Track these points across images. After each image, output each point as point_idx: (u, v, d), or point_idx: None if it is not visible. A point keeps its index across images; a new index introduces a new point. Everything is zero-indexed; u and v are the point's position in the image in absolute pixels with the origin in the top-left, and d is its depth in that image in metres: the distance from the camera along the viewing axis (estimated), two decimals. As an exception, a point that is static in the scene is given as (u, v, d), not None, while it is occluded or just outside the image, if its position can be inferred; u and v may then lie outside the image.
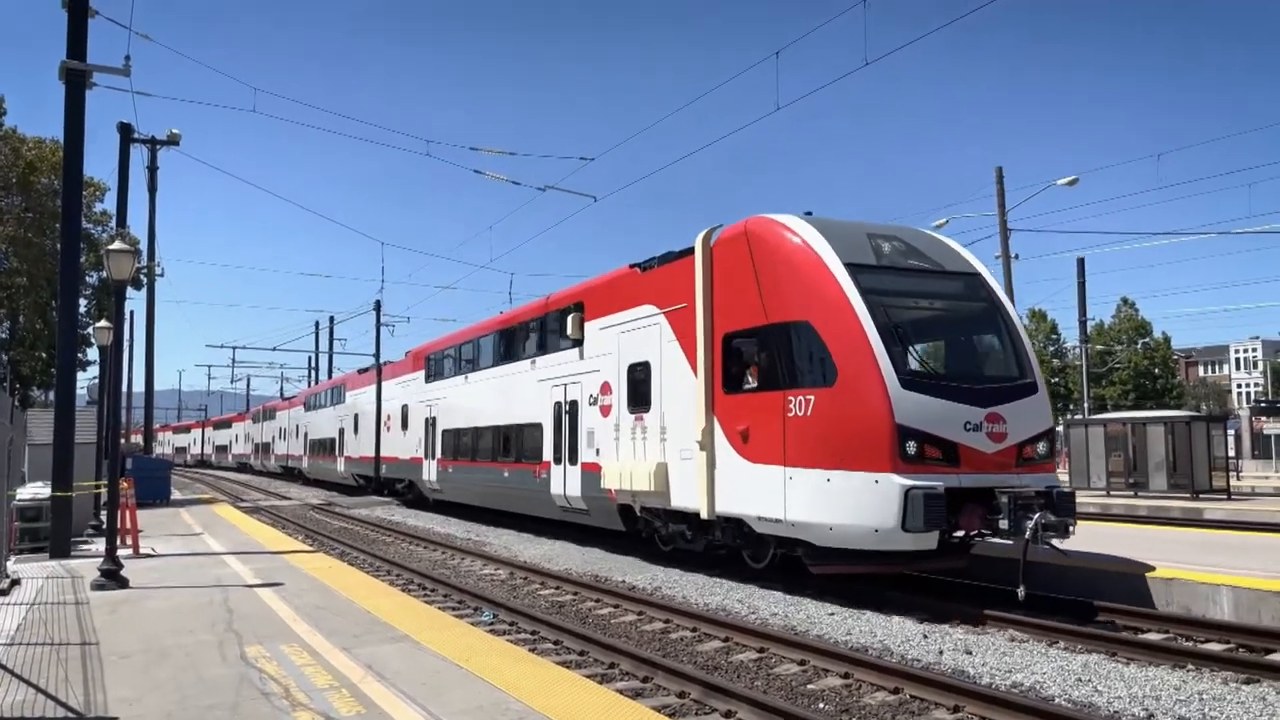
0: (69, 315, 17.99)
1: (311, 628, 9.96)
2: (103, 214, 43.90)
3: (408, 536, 23.64)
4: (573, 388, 19.70)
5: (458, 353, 28.49)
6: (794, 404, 12.87)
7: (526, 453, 22.10)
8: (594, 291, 19.46)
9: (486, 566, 18.02)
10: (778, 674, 9.57)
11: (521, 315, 24.01)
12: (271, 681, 7.68)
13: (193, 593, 12.42)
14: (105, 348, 22.95)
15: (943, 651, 10.07)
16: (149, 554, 16.75)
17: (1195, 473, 31.07)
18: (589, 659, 10.23)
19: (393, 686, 7.50)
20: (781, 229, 13.76)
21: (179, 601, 11.75)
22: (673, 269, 16.15)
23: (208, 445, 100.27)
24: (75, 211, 18.03)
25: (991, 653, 9.97)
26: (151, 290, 35.86)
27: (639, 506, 17.07)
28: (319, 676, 7.85)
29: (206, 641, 9.30)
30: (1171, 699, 8.15)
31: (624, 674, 9.55)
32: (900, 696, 8.64)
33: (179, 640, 9.37)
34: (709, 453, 14.52)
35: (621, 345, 17.57)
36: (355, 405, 41.59)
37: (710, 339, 14.72)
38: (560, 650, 10.71)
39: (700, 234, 15.19)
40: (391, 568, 17.73)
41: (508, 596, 14.40)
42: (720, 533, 15.04)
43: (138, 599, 12.05)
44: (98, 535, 19.77)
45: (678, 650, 10.74)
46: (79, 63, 16.97)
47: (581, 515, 19.83)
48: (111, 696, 7.31)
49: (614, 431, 17.68)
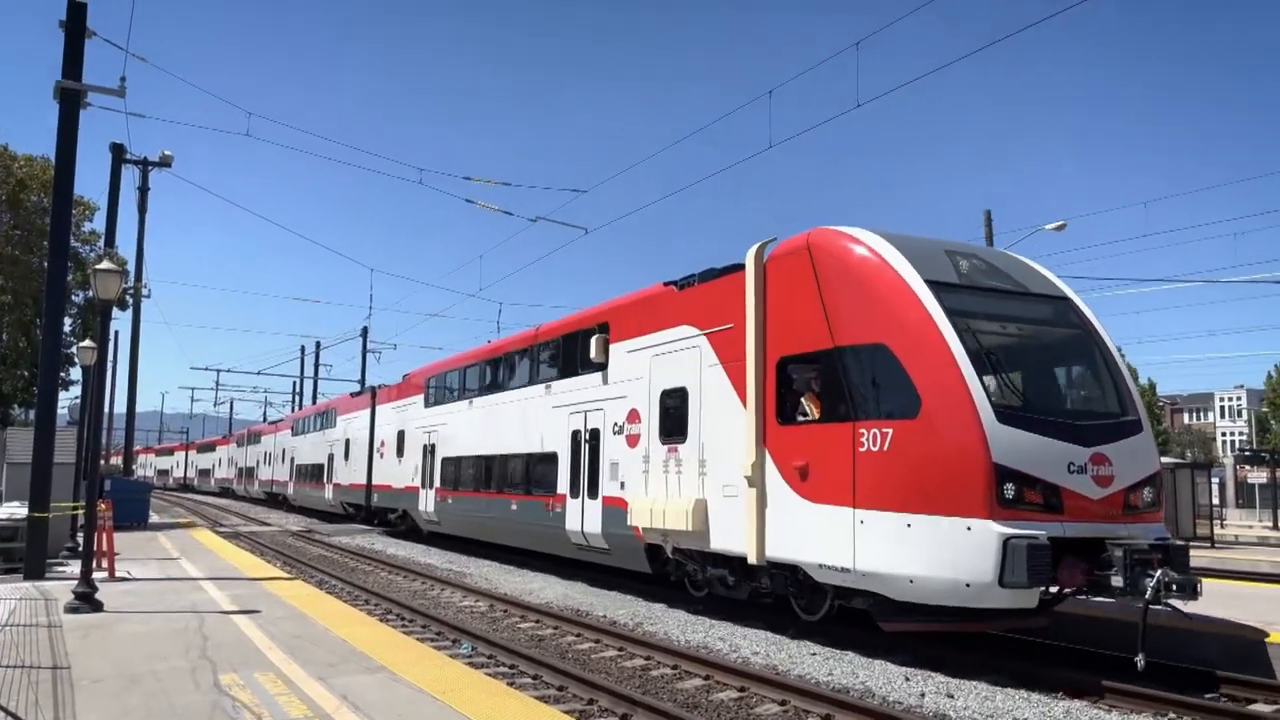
0: (53, 334, 17.88)
1: (287, 656, 9.82)
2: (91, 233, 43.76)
3: (388, 566, 23.42)
4: (594, 415, 18.35)
5: (462, 376, 26.96)
6: (866, 438, 11.47)
7: (538, 484, 20.66)
8: (621, 311, 18.01)
9: (466, 598, 17.85)
10: (758, 714, 9.48)
11: (536, 337, 22.26)
12: (245, 710, 7.56)
13: (168, 618, 12.25)
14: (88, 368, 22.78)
15: (924, 694, 10.00)
16: (125, 577, 16.54)
17: (1180, 520, 31.10)
18: (568, 694, 10.12)
19: (368, 718, 7.39)
20: (851, 241, 12.48)
21: (153, 626, 11.58)
22: (716, 287, 14.88)
23: (191, 469, 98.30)
24: (64, 230, 17.98)
25: (974, 696, 9.90)
26: (137, 311, 35.77)
27: (670, 547, 15.66)
28: (293, 706, 7.73)
29: (180, 668, 9.16)
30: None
31: (603, 710, 9.45)
32: (881, 739, 8.55)
33: (152, 666, 9.23)
34: (759, 490, 13.14)
35: (653, 369, 16.27)
36: (346, 430, 39.89)
37: (762, 364, 13.40)
38: (539, 685, 10.60)
39: (752, 249, 13.85)
40: (370, 597, 17.55)
41: (487, 629, 14.25)
42: (769, 580, 13.64)
43: (112, 623, 11.87)
44: (74, 557, 19.51)
45: (658, 688, 10.63)
46: (74, 82, 16.99)
47: (600, 554, 18.35)
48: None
49: (642, 463, 16.32)
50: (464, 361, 27.16)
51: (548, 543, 20.62)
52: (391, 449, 32.78)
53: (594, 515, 18.00)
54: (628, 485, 16.74)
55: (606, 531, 17.52)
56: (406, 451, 30.89)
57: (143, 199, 33.79)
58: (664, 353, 16.02)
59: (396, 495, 32.03)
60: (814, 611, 13.23)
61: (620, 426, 17.23)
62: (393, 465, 32.49)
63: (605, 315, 18.59)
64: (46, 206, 33.66)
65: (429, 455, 28.43)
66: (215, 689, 8.30)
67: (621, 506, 16.82)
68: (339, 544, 29.95)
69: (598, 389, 18.30)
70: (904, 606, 11.43)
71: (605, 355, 18.04)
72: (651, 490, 15.93)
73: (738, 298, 14.05)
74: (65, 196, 17.43)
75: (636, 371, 16.83)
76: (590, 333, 18.67)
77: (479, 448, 24.53)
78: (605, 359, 18.02)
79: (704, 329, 14.93)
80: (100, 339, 16.84)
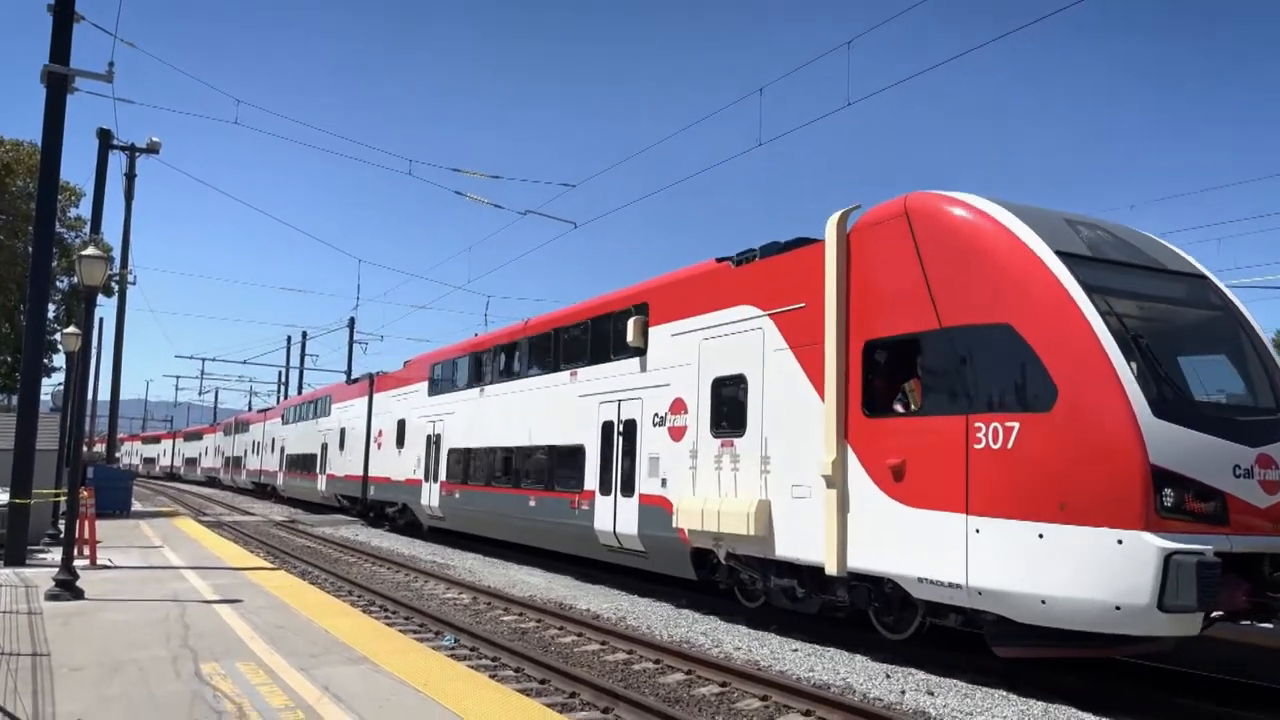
0: (37, 319, 17.78)
1: (269, 646, 9.81)
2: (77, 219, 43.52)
3: (371, 557, 23.38)
4: (630, 404, 16.84)
5: (473, 362, 25.04)
6: (984, 433, 9.97)
7: (562, 480, 19.10)
8: (664, 291, 16.46)
9: (450, 590, 17.84)
10: (739, 709, 9.52)
11: (559, 320, 20.57)
12: (225, 700, 7.56)
13: (149, 606, 12.22)
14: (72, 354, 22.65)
15: (905, 691, 10.05)
16: (106, 565, 16.48)
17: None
18: (550, 687, 10.13)
19: (349, 709, 7.40)
20: (959, 206, 11.02)
21: (134, 615, 11.54)
22: (785, 263, 13.45)
23: (178, 457, 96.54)
24: (50, 215, 17.86)
25: (954, 694, 9.96)
26: (122, 298, 35.58)
27: (724, 553, 14.04)
28: (274, 696, 7.72)
29: (161, 657, 9.13)
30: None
31: (584, 704, 9.47)
32: (861, 736, 8.60)
33: (133, 654, 9.20)
34: (839, 491, 11.65)
35: (704, 354, 14.79)
36: (341, 419, 38.03)
37: (843, 347, 11.90)
38: (521, 678, 10.61)
39: (832, 218, 12.32)
40: (353, 588, 17.52)
41: (470, 621, 14.25)
42: (847, 593, 12.18)
43: (92, 611, 11.83)
44: (55, 544, 19.41)
45: (640, 682, 10.66)
46: (62, 66, 16.88)
47: (634, 558, 16.79)
48: (61, 710, 7.16)
49: (689, 459, 14.87)
50: (475, 347, 25.38)
51: (571, 543, 19.10)
52: (391, 439, 31.24)
53: (629, 515, 16.53)
54: (671, 483, 15.30)
55: (644, 533, 15.99)
56: (408, 442, 29.30)
57: (129, 185, 33.63)
58: (717, 336, 14.55)
59: (396, 488, 30.44)
60: (902, 629, 11.71)
61: (662, 417, 15.80)
62: (392, 456, 30.93)
63: (644, 295, 17.00)
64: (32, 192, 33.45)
65: (433, 447, 26.90)
66: (196, 678, 8.29)
67: (663, 506, 15.39)
68: (323, 535, 29.88)
69: (634, 376, 16.85)
70: (1025, 629, 9.94)
71: (644, 339, 16.55)
72: (700, 489, 14.50)
73: (813, 274, 12.52)
74: (51, 182, 17.33)
75: (682, 357, 15.40)
76: (625, 315, 17.16)
77: (492, 439, 22.96)
78: (644, 343, 16.55)
79: (768, 309, 13.44)
80: (85, 325, 16.75)
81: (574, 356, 19.38)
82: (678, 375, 15.48)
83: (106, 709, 7.22)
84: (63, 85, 16.99)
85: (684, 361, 15.34)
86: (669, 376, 15.74)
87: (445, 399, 26.47)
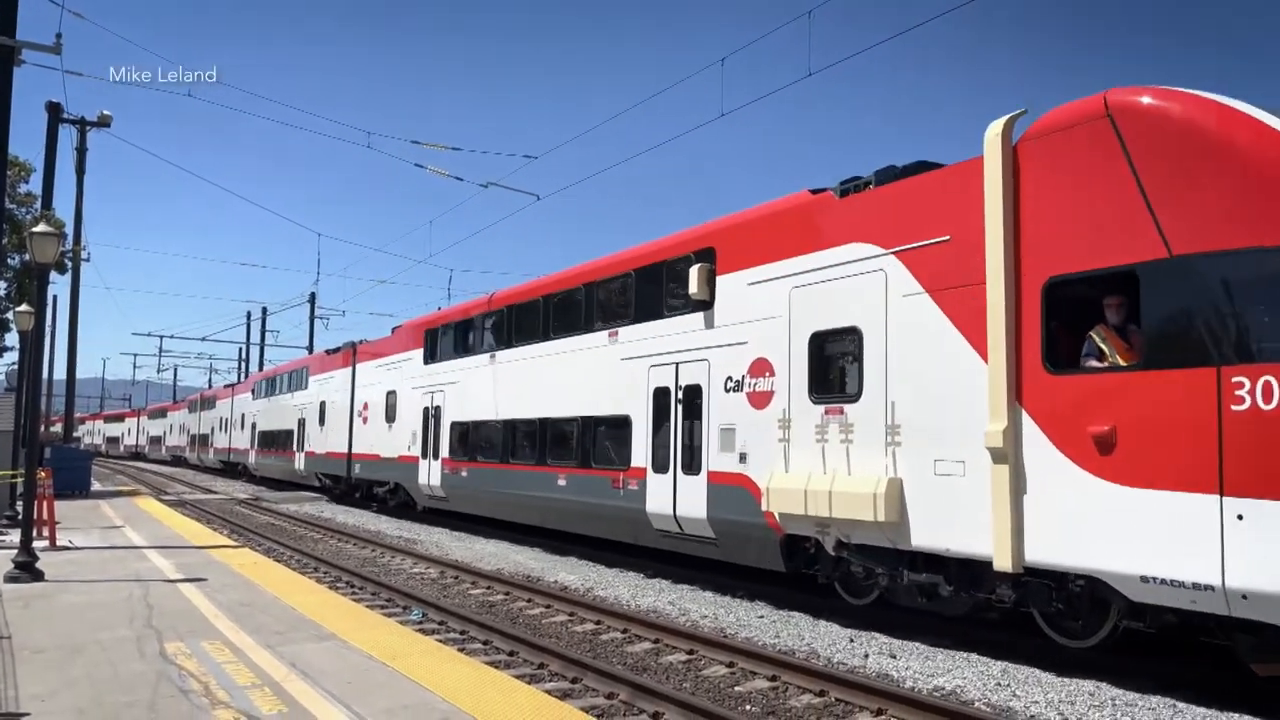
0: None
1: (235, 625, 9.78)
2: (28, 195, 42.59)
3: (337, 533, 23.30)
4: (692, 368, 14.60)
5: (481, 326, 22.66)
6: (1247, 390, 7.89)
7: (601, 456, 17.05)
8: (737, 233, 14.14)
9: (417, 565, 17.85)
10: (706, 676, 9.64)
11: (593, 273, 18.15)
12: (191, 679, 7.53)
13: (111, 587, 12.11)
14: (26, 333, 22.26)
15: (868, 655, 10.23)
16: (66, 546, 16.29)
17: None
18: (518, 659, 10.20)
19: (317, 685, 7.40)
20: (1190, 102, 8.77)
21: (97, 596, 11.44)
22: (917, 187, 11.18)
23: (142, 436, 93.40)
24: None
25: (915, 656, 10.16)
26: (76, 275, 34.94)
27: (832, 542, 11.91)
28: (241, 674, 7.71)
29: (124, 637, 9.07)
30: (1086, 704, 8.39)
31: (553, 675, 9.55)
32: (826, 699, 8.76)
33: (96, 635, 9.13)
34: (1012, 467, 9.46)
35: (796, 306, 12.54)
36: (321, 392, 35.52)
37: (1013, 288, 9.66)
38: (490, 650, 10.67)
39: (994, 126, 10.00)
40: (319, 565, 17.47)
41: (438, 595, 14.28)
42: (1014, 591, 9.95)
43: (53, 593, 11.70)
44: (12, 526, 19.13)
45: (608, 651, 10.75)
46: (8, 38, 16.47)
47: (700, 545, 14.62)
48: (24, 693, 7.11)
49: (778, 430, 12.67)
50: (482, 309, 22.81)
51: (613, 528, 16.97)
52: (379, 413, 28.71)
53: (693, 496, 14.34)
54: (752, 458, 13.12)
55: (714, 517, 13.85)
56: (400, 415, 26.92)
57: (80, 160, 32.91)
58: (815, 283, 12.28)
59: (387, 466, 27.97)
60: (1088, 635, 9.66)
61: (737, 382, 13.57)
62: (380, 432, 28.45)
63: (709, 239, 14.73)
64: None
65: (432, 420, 24.58)
66: (161, 658, 8.24)
67: (742, 486, 13.26)
68: (287, 512, 29.72)
69: (697, 334, 14.56)
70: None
71: (710, 291, 14.26)
72: (796, 465, 12.30)
73: (963, 199, 10.35)
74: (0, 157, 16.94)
75: (764, 309, 13.14)
76: (683, 263, 14.93)
77: (507, 411, 20.60)
78: (709, 295, 14.26)
79: (892, 246, 11.16)
80: (38, 304, 16.43)
81: (614, 314, 17.17)
82: (758, 331, 13.25)
83: (70, 690, 7.17)
84: (9, 57, 16.60)
85: (767, 314, 13.09)
86: (746, 333, 13.51)
87: (446, 367, 24.19)
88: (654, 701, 8.39)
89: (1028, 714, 8.21)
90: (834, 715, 8.39)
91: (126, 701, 6.88)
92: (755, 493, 12.87)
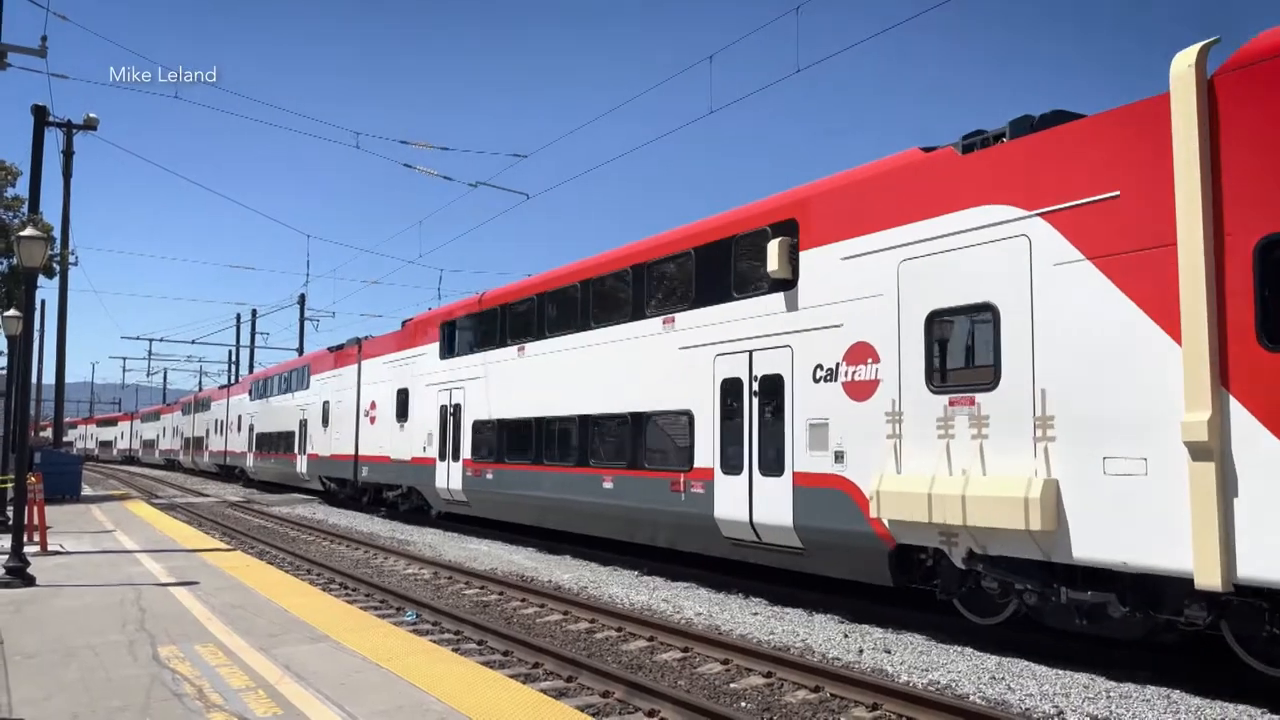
0: (-24, 303, 17.32)
1: (228, 627, 9.74)
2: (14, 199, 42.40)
3: (329, 535, 23.24)
4: (769, 355, 13.04)
5: (504, 316, 21.03)
6: None
7: (655, 456, 15.47)
8: (826, 201, 12.48)
9: (410, 566, 17.81)
10: (701, 673, 9.64)
11: (642, 253, 16.42)
12: (185, 682, 7.50)
13: (103, 591, 12.05)
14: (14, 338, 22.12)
15: (863, 650, 10.25)
16: (57, 551, 16.21)
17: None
18: (513, 659, 10.19)
19: (311, 687, 7.38)
20: None
21: (89, 600, 11.39)
22: (1071, 135, 9.60)
23: (136, 439, 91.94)
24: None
25: (910, 651, 10.17)
26: (64, 279, 34.71)
27: (961, 553, 10.21)
28: (235, 677, 7.68)
29: (117, 641, 9.03)
30: (1080, 696, 8.41)
31: (548, 674, 9.53)
32: (821, 695, 8.78)
33: (88, 640, 9.09)
34: (1220, 464, 8.02)
35: (907, 281, 10.99)
36: (323, 392, 34.02)
37: (1216, 250, 8.24)
38: (484, 650, 10.65)
39: (1183, 57, 8.57)
40: (312, 567, 17.42)
41: (432, 596, 14.25)
42: (1213, 613, 8.53)
43: (45, 597, 11.64)
44: (3, 532, 19.05)
45: (602, 650, 10.74)
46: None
47: (783, 556, 13.04)
48: (16, 698, 7.06)
49: (884, 424, 11.13)
50: (508, 298, 21.24)
51: (673, 535, 15.38)
52: (388, 412, 27.21)
53: (774, 500, 12.77)
54: (852, 457, 11.60)
55: (803, 524, 12.29)
56: (414, 415, 25.40)
57: (67, 163, 32.79)
58: (932, 253, 10.73)
59: (398, 469, 26.34)
60: None
61: (830, 370, 12.04)
62: (390, 432, 26.85)
63: (791, 209, 13.05)
64: (-35, 171, 32.45)
65: (450, 419, 23.06)
66: (154, 662, 8.21)
67: (839, 488, 11.72)
68: (279, 514, 29.63)
69: (776, 318, 12.99)
70: None
71: (792, 268, 12.71)
72: (911, 465, 10.73)
73: (1141, 145, 8.90)
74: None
75: (864, 286, 11.60)
76: (757, 238, 13.42)
77: (540, 407, 19.05)
78: (792, 273, 12.71)
79: (1038, 207, 9.68)
80: (26, 308, 16.35)
81: (669, 299, 15.56)
82: (856, 312, 11.70)
83: (64, 695, 7.13)
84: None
85: (868, 292, 11.55)
86: (840, 314, 11.95)
87: (466, 362, 22.61)
88: (650, 699, 8.39)
89: (1022, 707, 8.23)
90: (829, 711, 8.40)
91: (120, 705, 6.85)
92: (857, 497, 11.37)
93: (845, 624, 11.67)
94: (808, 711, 8.37)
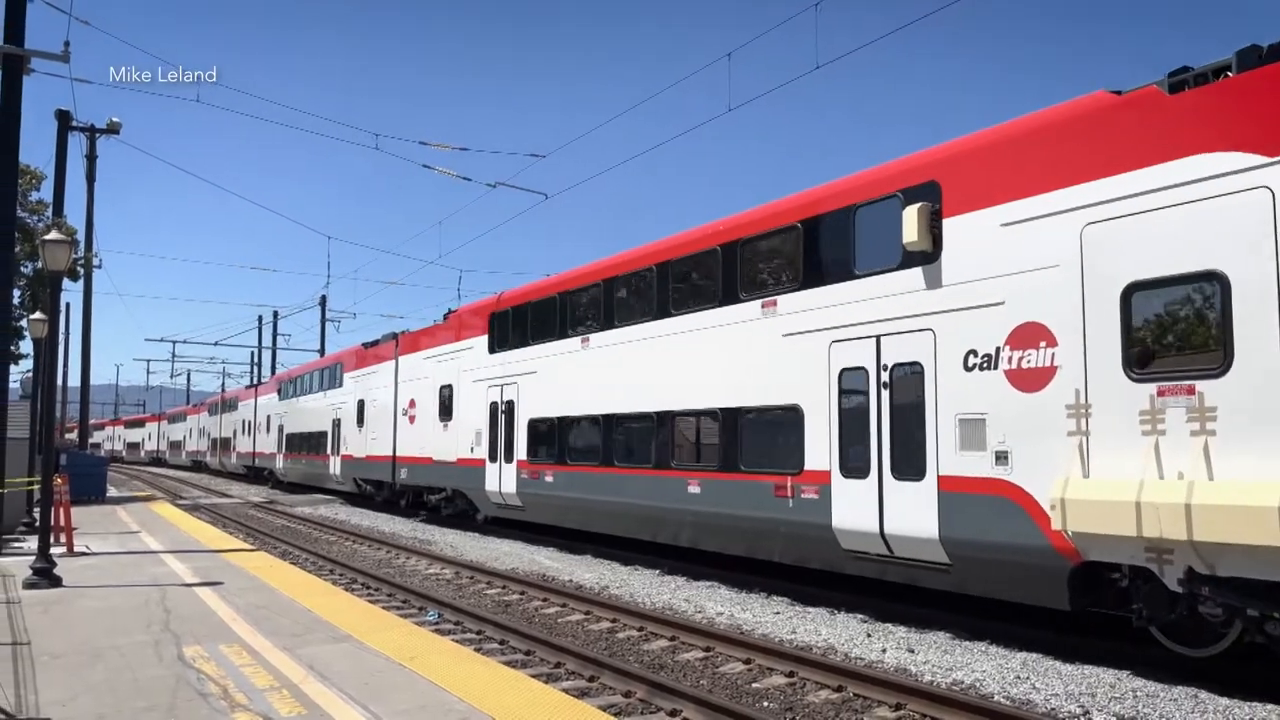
0: (2, 306, 17.48)
1: (252, 627, 9.80)
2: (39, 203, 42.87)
3: (351, 535, 23.36)
4: (905, 340, 11.31)
5: (563, 304, 19.46)
6: None
7: (753, 456, 13.78)
8: (979, 158, 10.85)
9: (432, 566, 17.86)
10: (723, 673, 9.62)
11: (736, 229, 14.67)
12: (210, 682, 7.55)
13: (129, 592, 12.15)
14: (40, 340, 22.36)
15: (886, 650, 10.19)
16: (84, 552, 16.36)
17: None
18: (535, 658, 10.19)
19: (335, 687, 7.41)
20: None
21: (114, 601, 11.48)
22: None
23: (163, 441, 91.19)
24: (10, 200, 17.49)
25: (934, 650, 10.11)
26: (89, 282, 35.08)
27: (1181, 570, 8.40)
28: (259, 677, 7.72)
29: (142, 642, 9.10)
30: (1107, 695, 8.33)
31: (570, 673, 9.53)
32: (844, 695, 8.73)
33: (114, 640, 9.16)
34: None
35: (1094, 248, 9.29)
36: (358, 390, 32.49)
37: None
38: (506, 650, 10.66)
39: None
40: (334, 566, 17.51)
41: (453, 596, 14.29)
42: None
43: (71, 598, 11.75)
44: (30, 533, 19.25)
45: (624, 650, 10.74)
46: (16, 47, 16.51)
47: (921, 572, 11.27)
48: (44, 698, 7.13)
49: (1065, 419, 9.41)
50: (569, 284, 19.61)
51: (781, 547, 13.59)
52: (430, 410, 25.67)
53: (913, 509, 11.05)
54: (1019, 458, 9.89)
55: (951, 536, 10.60)
56: (459, 413, 23.81)
57: (90, 167, 33.13)
58: (1129, 213, 9.05)
59: (442, 470, 24.85)
60: None
61: (989, 356, 10.31)
62: (433, 431, 25.29)
63: (930, 170, 11.37)
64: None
65: (502, 417, 21.51)
66: (179, 662, 8.26)
67: (1003, 495, 9.99)
68: (301, 514, 29.81)
69: (912, 297, 11.29)
70: None
71: (933, 238, 11.04)
72: (1103, 467, 9.05)
73: None
74: (10, 165, 16.97)
75: (1034, 257, 9.90)
76: (884, 206, 11.79)
77: (608, 404, 17.48)
78: (932, 244, 11.04)
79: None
80: (51, 311, 16.54)
81: (769, 280, 13.93)
82: (1023, 287, 10.00)
83: (90, 695, 7.19)
84: (18, 66, 16.61)
85: (1039, 263, 9.85)
86: (1000, 290, 10.24)
87: (520, 355, 21.02)
88: (671, 699, 8.37)
89: (1048, 706, 8.16)
90: (852, 710, 8.35)
91: (145, 705, 6.90)
92: (1028, 505, 9.72)
93: (869, 623, 11.61)
94: (830, 711, 8.33)
